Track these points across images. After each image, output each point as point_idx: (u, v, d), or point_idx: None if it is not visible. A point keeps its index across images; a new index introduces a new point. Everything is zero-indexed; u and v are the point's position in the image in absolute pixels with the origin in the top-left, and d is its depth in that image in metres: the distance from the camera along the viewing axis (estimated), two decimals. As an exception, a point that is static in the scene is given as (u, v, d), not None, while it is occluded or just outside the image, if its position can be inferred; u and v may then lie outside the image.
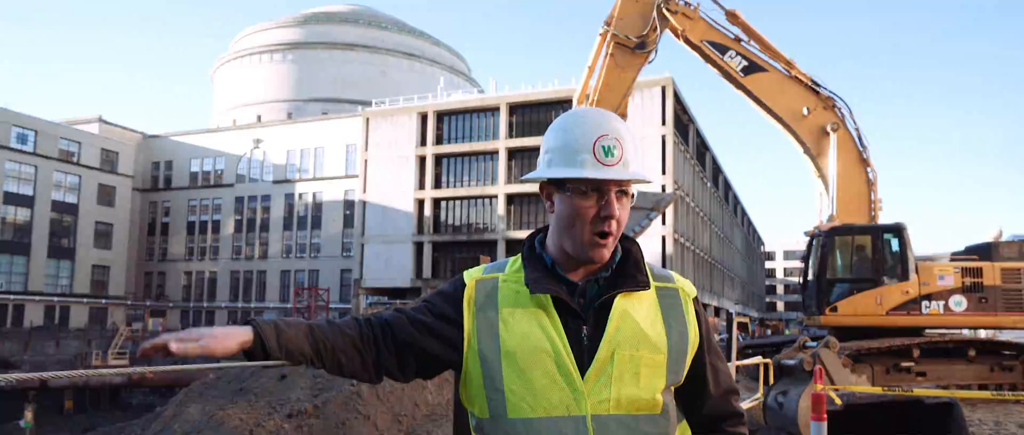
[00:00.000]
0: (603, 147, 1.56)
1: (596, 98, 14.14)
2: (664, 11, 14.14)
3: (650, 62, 14.50)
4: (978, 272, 12.63)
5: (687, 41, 14.44)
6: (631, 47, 14.15)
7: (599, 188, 1.57)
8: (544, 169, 1.63)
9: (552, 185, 1.63)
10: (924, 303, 12.59)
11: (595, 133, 1.58)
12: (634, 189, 1.62)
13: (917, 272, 12.67)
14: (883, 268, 12.86)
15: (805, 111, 14.24)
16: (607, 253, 1.60)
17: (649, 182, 1.66)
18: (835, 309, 12.95)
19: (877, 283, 12.76)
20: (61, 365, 44.96)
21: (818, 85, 14.34)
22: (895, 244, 12.92)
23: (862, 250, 13.26)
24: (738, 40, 14.53)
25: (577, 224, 1.58)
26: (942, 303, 12.55)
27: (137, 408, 38.10)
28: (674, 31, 14.33)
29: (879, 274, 12.83)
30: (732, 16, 14.46)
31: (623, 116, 13.87)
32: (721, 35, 14.49)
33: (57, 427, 36.54)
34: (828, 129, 14.19)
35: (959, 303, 12.52)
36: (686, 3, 14.39)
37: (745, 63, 14.39)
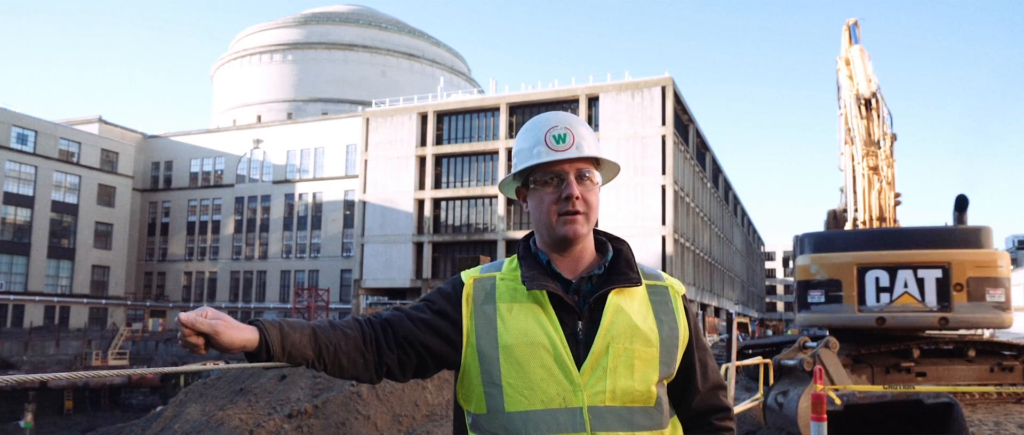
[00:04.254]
0: (554, 136, 1.69)
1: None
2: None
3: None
4: (806, 271, 12.92)
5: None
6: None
7: (557, 173, 1.67)
8: (511, 173, 1.77)
9: (524, 188, 1.75)
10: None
11: (546, 127, 1.71)
12: (598, 177, 1.72)
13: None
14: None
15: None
16: (579, 229, 1.67)
17: (618, 167, 1.78)
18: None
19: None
20: (61, 365, 44.95)
21: (870, 95, 15.10)
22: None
23: None
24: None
25: (545, 210, 1.68)
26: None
27: (137, 408, 38.12)
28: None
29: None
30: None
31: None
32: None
33: (57, 427, 36.54)
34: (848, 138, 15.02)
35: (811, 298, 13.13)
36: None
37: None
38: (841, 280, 11.57)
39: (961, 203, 13.57)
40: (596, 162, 1.72)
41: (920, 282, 11.11)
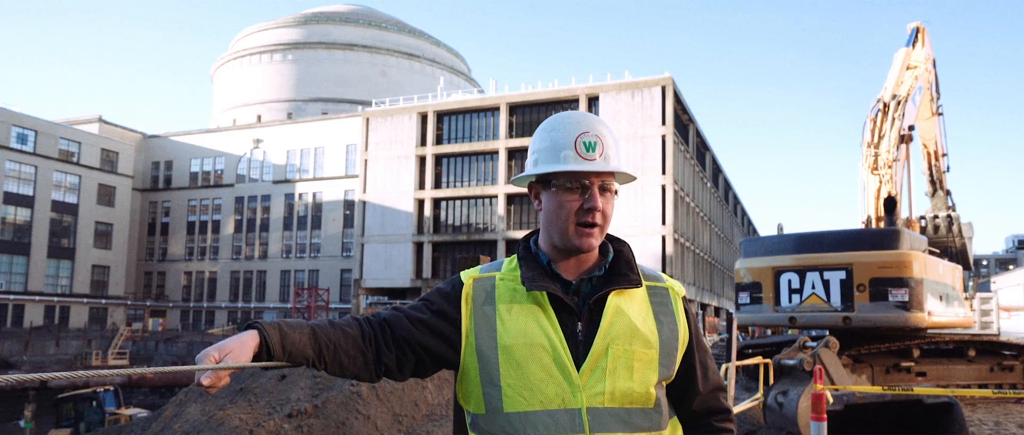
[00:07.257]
0: (585, 143, 1.64)
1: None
2: None
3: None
4: (738, 274, 13.43)
5: None
6: None
7: (582, 182, 1.64)
8: (531, 169, 1.70)
9: (539, 184, 1.70)
10: None
11: (577, 131, 1.65)
12: (617, 187, 1.69)
13: None
14: None
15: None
16: (594, 242, 1.65)
17: (633, 178, 1.73)
18: None
19: None
20: (61, 365, 44.94)
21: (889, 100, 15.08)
22: None
23: None
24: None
25: (563, 216, 1.64)
26: None
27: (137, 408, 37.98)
28: None
29: None
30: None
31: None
32: None
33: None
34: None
35: None
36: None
37: None
38: (761, 283, 12.35)
39: (889, 205, 13.89)
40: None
41: (826, 284, 11.65)
